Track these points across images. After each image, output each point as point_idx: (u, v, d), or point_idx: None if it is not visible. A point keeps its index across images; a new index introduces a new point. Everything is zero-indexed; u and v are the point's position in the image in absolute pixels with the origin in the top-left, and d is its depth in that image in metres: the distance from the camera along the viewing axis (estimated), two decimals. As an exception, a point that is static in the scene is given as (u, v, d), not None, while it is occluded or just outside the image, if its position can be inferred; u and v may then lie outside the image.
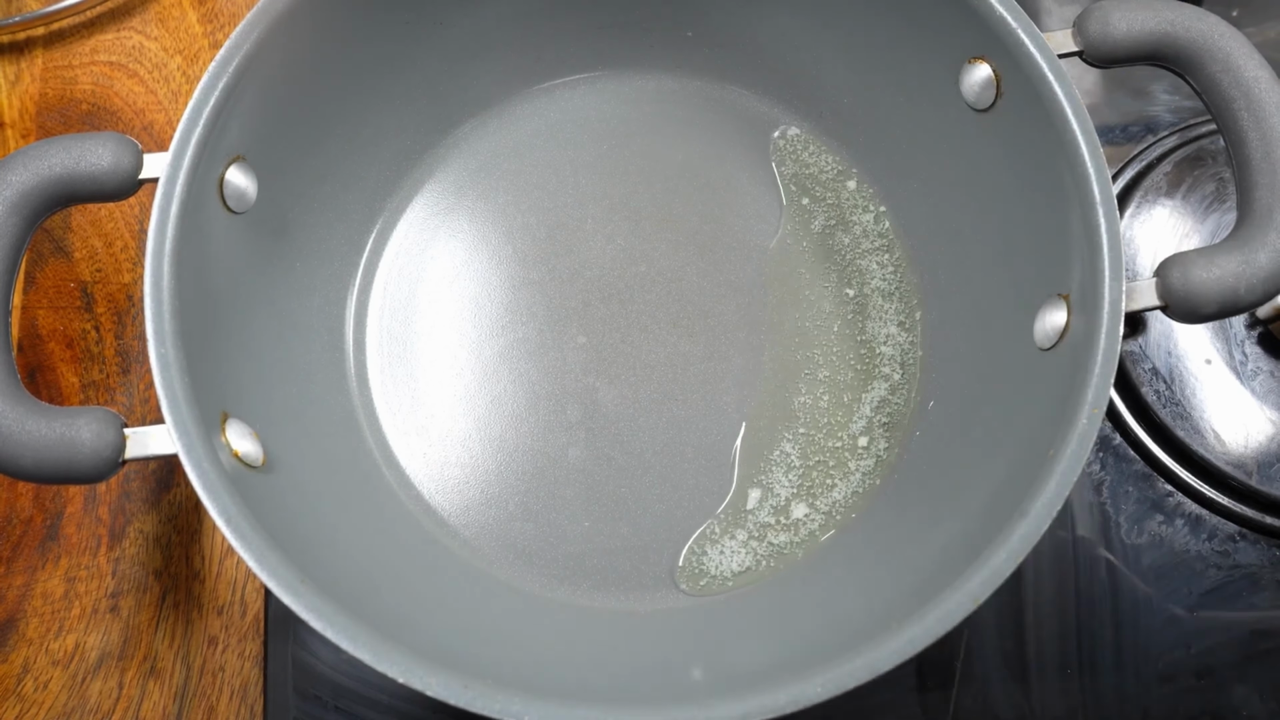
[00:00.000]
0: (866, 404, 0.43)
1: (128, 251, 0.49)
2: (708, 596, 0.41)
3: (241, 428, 0.36)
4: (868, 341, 0.44)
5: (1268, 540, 0.44)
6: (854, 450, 0.43)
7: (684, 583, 0.41)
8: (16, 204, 0.34)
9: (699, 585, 0.41)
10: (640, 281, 0.45)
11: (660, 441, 0.43)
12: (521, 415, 0.44)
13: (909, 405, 0.43)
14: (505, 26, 0.45)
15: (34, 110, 0.51)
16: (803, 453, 0.43)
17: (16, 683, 0.44)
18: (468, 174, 0.47)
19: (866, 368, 0.44)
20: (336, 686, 0.42)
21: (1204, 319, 0.35)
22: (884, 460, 0.43)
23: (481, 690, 0.30)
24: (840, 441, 0.43)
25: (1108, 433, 0.46)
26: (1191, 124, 0.49)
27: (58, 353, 0.48)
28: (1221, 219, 0.47)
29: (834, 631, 0.35)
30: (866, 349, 0.44)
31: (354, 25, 0.41)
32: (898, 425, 0.43)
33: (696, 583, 0.41)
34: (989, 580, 0.31)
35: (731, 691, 0.30)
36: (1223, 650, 0.43)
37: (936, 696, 0.43)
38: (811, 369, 0.44)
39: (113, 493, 0.46)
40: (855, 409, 0.43)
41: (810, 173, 0.47)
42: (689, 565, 0.41)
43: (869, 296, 0.45)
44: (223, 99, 0.36)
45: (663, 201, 0.46)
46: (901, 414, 0.43)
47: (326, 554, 0.35)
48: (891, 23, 0.41)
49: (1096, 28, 0.36)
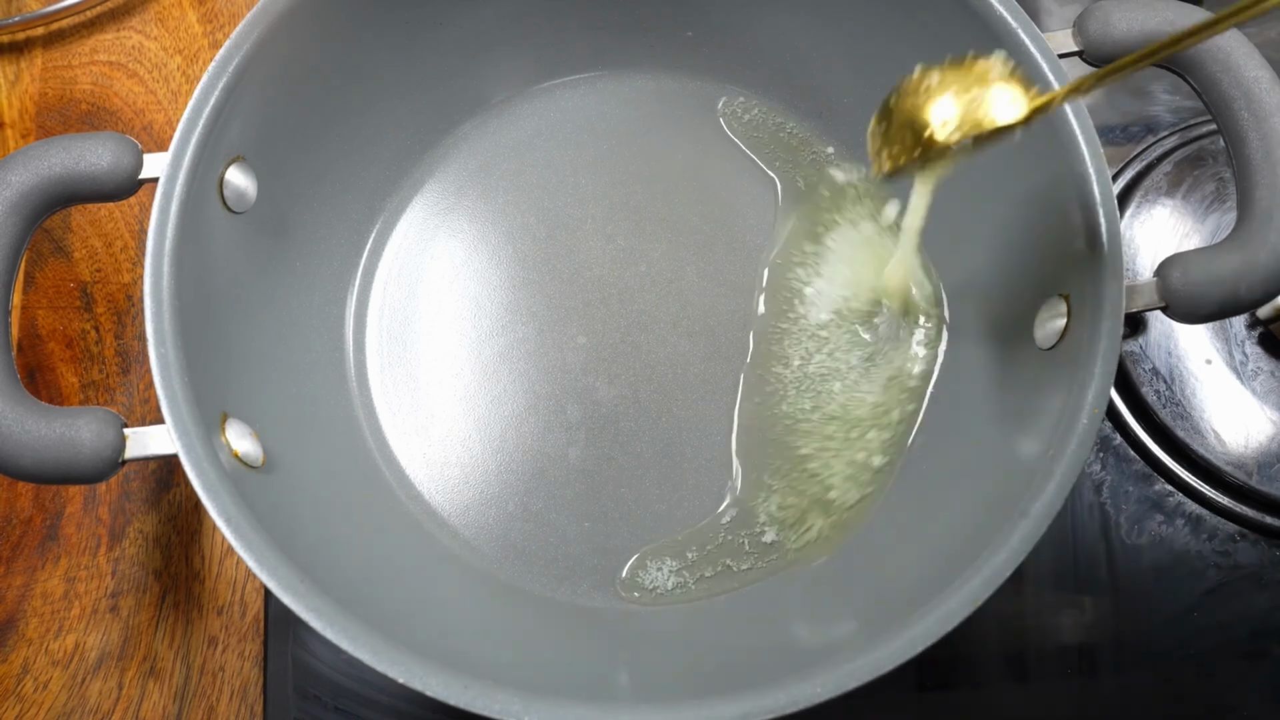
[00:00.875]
0: (868, 405, 0.43)
1: (128, 251, 0.49)
2: (708, 598, 0.41)
3: (241, 428, 0.36)
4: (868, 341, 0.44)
5: (1268, 540, 0.44)
6: (855, 449, 0.43)
7: (683, 581, 0.41)
8: (16, 204, 0.34)
9: (702, 584, 0.41)
10: (640, 281, 0.45)
11: (660, 441, 0.43)
12: (521, 415, 0.44)
13: (910, 405, 0.43)
14: (505, 26, 0.45)
15: (34, 110, 0.51)
16: (803, 452, 0.43)
17: (16, 683, 0.44)
18: (467, 174, 0.47)
19: (867, 368, 0.44)
20: (336, 686, 0.42)
21: (1204, 319, 0.35)
22: (885, 459, 0.43)
23: (481, 690, 0.30)
24: (841, 440, 0.43)
25: (1108, 433, 0.46)
26: (1191, 124, 0.49)
27: (57, 353, 0.48)
28: (1221, 219, 0.47)
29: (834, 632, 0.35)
30: (867, 349, 0.44)
31: (354, 25, 0.41)
32: (899, 425, 0.43)
33: (701, 582, 0.41)
34: (989, 580, 0.31)
35: (732, 691, 0.30)
36: (1223, 650, 0.43)
37: (936, 696, 0.43)
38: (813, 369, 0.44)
39: (113, 493, 0.46)
40: (855, 408, 0.43)
41: (810, 173, 0.47)
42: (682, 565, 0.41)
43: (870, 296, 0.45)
44: (223, 99, 0.36)
45: (662, 201, 0.46)
46: (902, 413, 0.43)
47: (326, 554, 0.35)
48: (891, 23, 0.41)
49: (1097, 28, 0.36)
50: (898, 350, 0.44)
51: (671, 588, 0.41)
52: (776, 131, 0.47)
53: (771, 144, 0.47)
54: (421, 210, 0.46)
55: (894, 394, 0.43)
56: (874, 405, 0.43)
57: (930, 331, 0.44)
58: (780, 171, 0.47)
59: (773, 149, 0.47)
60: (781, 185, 0.47)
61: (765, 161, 0.47)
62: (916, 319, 0.44)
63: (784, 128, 0.47)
